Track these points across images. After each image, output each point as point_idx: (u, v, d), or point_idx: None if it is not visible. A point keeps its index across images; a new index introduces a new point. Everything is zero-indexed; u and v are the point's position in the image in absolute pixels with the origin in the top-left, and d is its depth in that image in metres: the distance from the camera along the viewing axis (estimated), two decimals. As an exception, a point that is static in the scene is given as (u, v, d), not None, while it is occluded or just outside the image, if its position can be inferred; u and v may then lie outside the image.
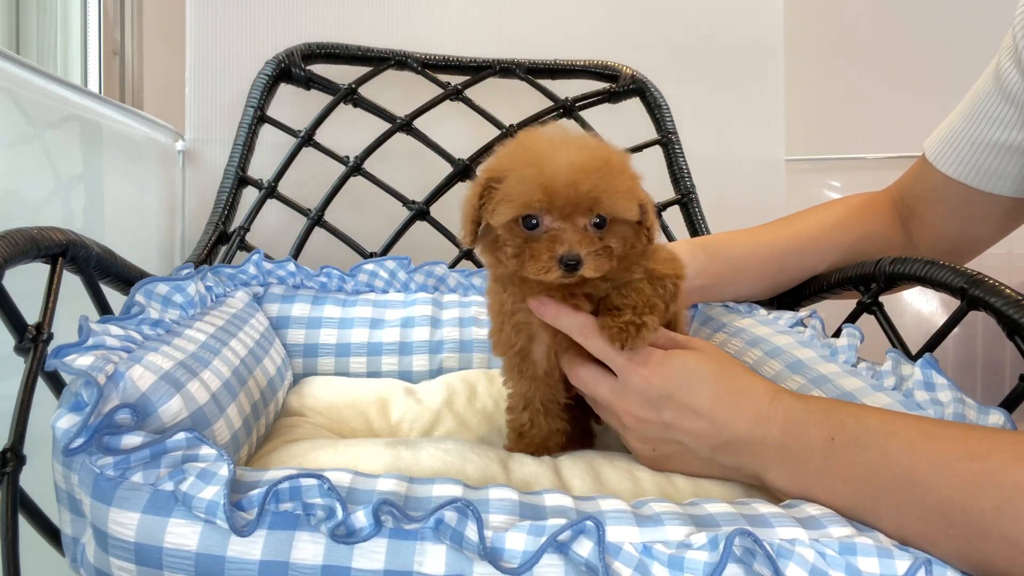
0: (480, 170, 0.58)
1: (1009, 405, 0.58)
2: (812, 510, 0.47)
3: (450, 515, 0.40)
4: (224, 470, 0.41)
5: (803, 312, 0.79)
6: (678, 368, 0.56)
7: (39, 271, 0.58)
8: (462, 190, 1.13)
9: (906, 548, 0.43)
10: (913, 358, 0.59)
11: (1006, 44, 0.73)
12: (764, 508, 0.47)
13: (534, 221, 0.54)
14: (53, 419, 0.42)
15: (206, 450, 0.43)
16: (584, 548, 0.40)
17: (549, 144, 0.54)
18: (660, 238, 0.61)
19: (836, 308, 0.88)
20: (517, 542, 0.40)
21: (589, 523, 0.40)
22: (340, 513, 0.39)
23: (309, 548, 0.40)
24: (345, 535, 0.40)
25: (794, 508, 0.48)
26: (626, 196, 0.54)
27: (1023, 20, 0.70)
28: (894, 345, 0.71)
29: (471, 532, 0.40)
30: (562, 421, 0.65)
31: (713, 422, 0.54)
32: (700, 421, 0.54)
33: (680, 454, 0.56)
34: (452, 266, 1.01)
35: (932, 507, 0.43)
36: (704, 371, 0.55)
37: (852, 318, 0.77)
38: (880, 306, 0.76)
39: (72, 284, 0.63)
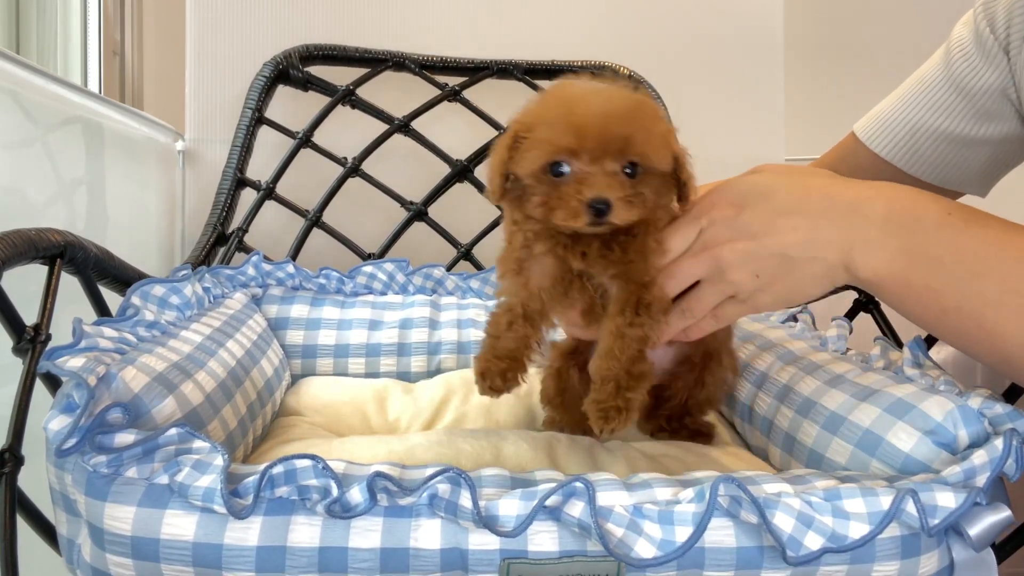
0: (509, 122, 0.56)
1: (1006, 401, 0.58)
2: (798, 471, 0.48)
3: (443, 487, 0.41)
4: (219, 460, 0.41)
5: (794, 308, 0.79)
6: (747, 185, 0.54)
7: (40, 273, 0.58)
8: (460, 191, 1.14)
9: (891, 485, 0.43)
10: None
11: (961, 23, 0.74)
12: (750, 473, 0.48)
13: (562, 168, 0.51)
14: (45, 421, 0.42)
15: (199, 443, 0.43)
16: (575, 509, 0.40)
17: (580, 92, 0.53)
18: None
19: (834, 308, 0.88)
20: (510, 508, 0.41)
21: (579, 484, 0.41)
22: (335, 491, 0.40)
23: (306, 531, 0.41)
24: (341, 512, 0.40)
25: (780, 472, 0.49)
26: (659, 142, 0.52)
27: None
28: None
29: (465, 500, 0.40)
30: (538, 334, 0.60)
31: (810, 198, 0.51)
32: (795, 216, 0.51)
33: (785, 268, 0.52)
34: (450, 268, 1.01)
35: None
36: (775, 181, 0.53)
37: (850, 316, 0.78)
38: (877, 305, 0.76)
39: (74, 287, 0.64)
